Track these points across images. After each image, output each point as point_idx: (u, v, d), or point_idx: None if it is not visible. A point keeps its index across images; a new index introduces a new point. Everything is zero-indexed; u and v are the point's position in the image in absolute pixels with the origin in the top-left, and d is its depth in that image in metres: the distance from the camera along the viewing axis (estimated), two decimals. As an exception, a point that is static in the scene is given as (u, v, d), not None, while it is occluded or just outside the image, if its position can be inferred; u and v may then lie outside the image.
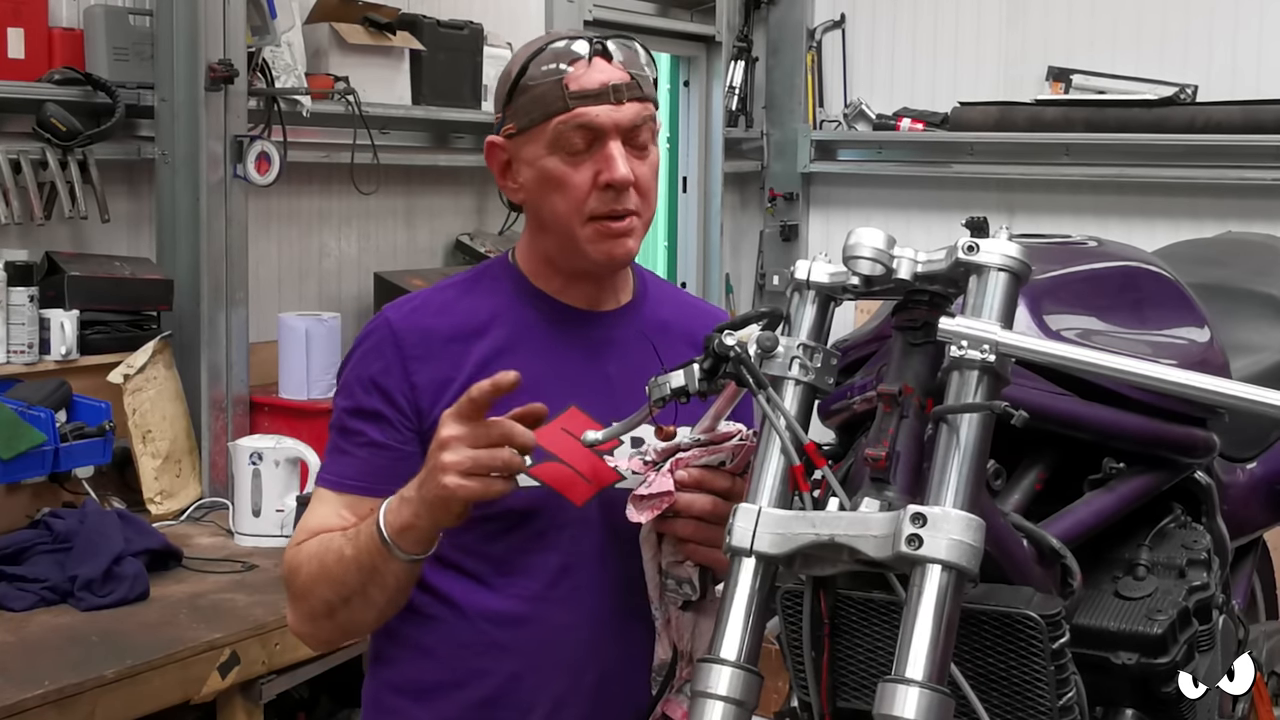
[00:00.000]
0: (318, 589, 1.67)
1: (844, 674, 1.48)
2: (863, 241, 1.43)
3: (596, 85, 1.66)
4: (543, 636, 1.69)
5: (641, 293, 1.83)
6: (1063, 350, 1.38)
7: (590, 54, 1.67)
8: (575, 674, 1.70)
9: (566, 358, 1.74)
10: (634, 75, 1.68)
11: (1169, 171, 5.15)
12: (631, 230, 1.69)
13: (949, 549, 1.28)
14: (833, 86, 6.01)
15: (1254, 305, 2.34)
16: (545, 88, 1.66)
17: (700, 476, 1.59)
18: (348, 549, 1.62)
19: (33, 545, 2.95)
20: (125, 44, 3.61)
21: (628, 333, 1.78)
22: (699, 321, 1.86)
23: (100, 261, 3.59)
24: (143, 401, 3.49)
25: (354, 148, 4.05)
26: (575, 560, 1.69)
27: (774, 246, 6.04)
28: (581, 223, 1.68)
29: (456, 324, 1.73)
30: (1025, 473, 1.78)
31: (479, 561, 1.69)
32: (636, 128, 1.68)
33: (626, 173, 1.66)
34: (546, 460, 1.68)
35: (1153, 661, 1.67)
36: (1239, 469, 2.10)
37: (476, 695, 1.70)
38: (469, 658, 1.70)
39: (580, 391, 1.72)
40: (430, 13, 4.45)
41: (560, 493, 1.69)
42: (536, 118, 1.67)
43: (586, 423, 1.70)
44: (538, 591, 1.69)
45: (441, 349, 1.71)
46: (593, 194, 1.67)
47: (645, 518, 1.58)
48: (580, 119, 1.65)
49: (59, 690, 2.41)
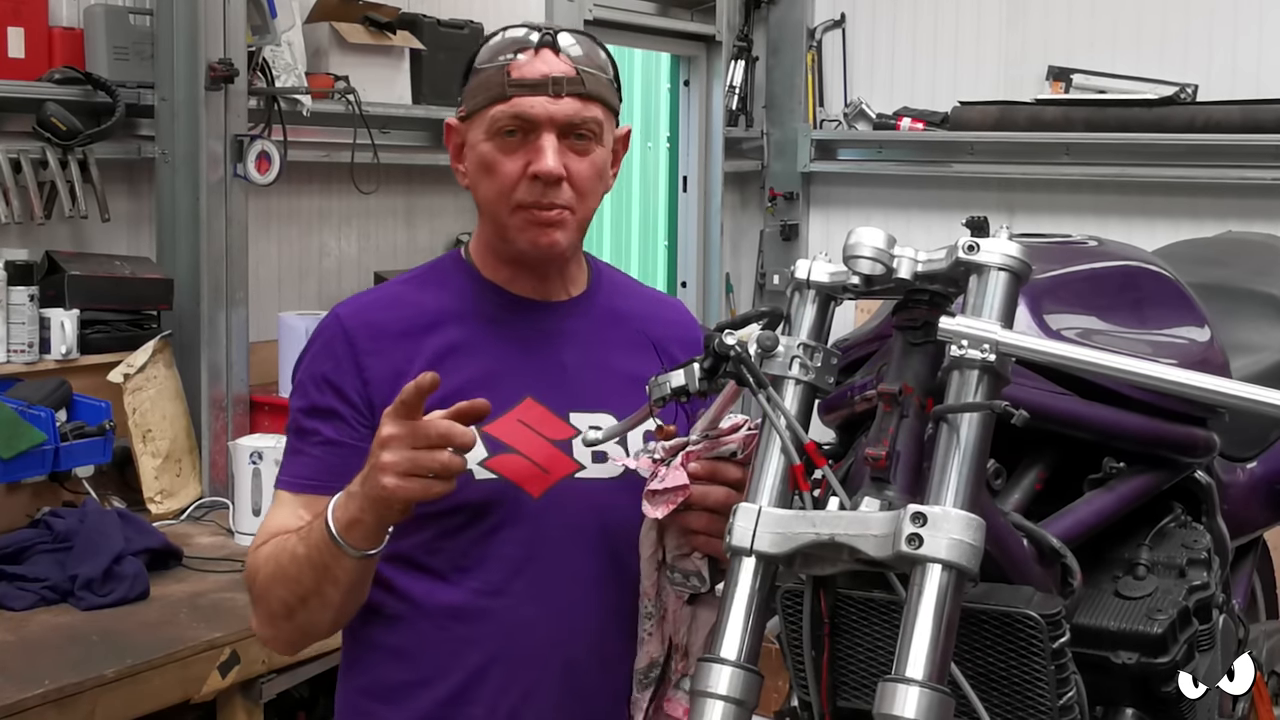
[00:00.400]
0: (275, 590, 1.66)
1: (844, 674, 1.49)
2: (863, 241, 1.43)
3: (537, 76, 1.65)
4: (506, 629, 1.69)
5: (595, 284, 1.83)
6: (1063, 350, 1.38)
7: (539, 44, 1.67)
8: (541, 665, 1.70)
9: (520, 349, 1.74)
10: (581, 71, 1.67)
11: (1169, 171, 5.15)
12: (561, 222, 1.68)
13: (949, 548, 1.28)
14: (833, 86, 6.01)
15: (1254, 305, 2.34)
16: (491, 73, 1.67)
17: (713, 468, 1.59)
18: (300, 548, 1.61)
19: (33, 545, 2.95)
20: (125, 43, 3.61)
21: (581, 323, 1.78)
22: (655, 310, 1.88)
23: (100, 261, 3.58)
24: (143, 401, 3.49)
25: (354, 147, 4.05)
26: (535, 552, 1.69)
27: (774, 246, 6.04)
28: (509, 210, 1.68)
29: (408, 317, 1.73)
30: (1025, 472, 1.78)
31: (438, 558, 1.68)
32: (575, 124, 1.66)
33: (554, 166, 1.65)
34: (503, 452, 1.68)
35: (1153, 661, 1.67)
36: (1239, 469, 2.10)
37: (444, 692, 1.70)
38: (434, 655, 1.70)
39: (535, 383, 1.72)
40: (430, 12, 4.45)
41: (518, 485, 1.68)
42: (480, 102, 1.68)
43: (542, 414, 1.70)
44: (498, 585, 1.68)
45: (393, 343, 1.70)
46: (521, 183, 1.67)
47: (661, 512, 1.58)
48: (515, 108, 1.65)
49: (59, 690, 2.41)
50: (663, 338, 1.84)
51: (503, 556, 1.68)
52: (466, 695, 1.70)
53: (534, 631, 1.69)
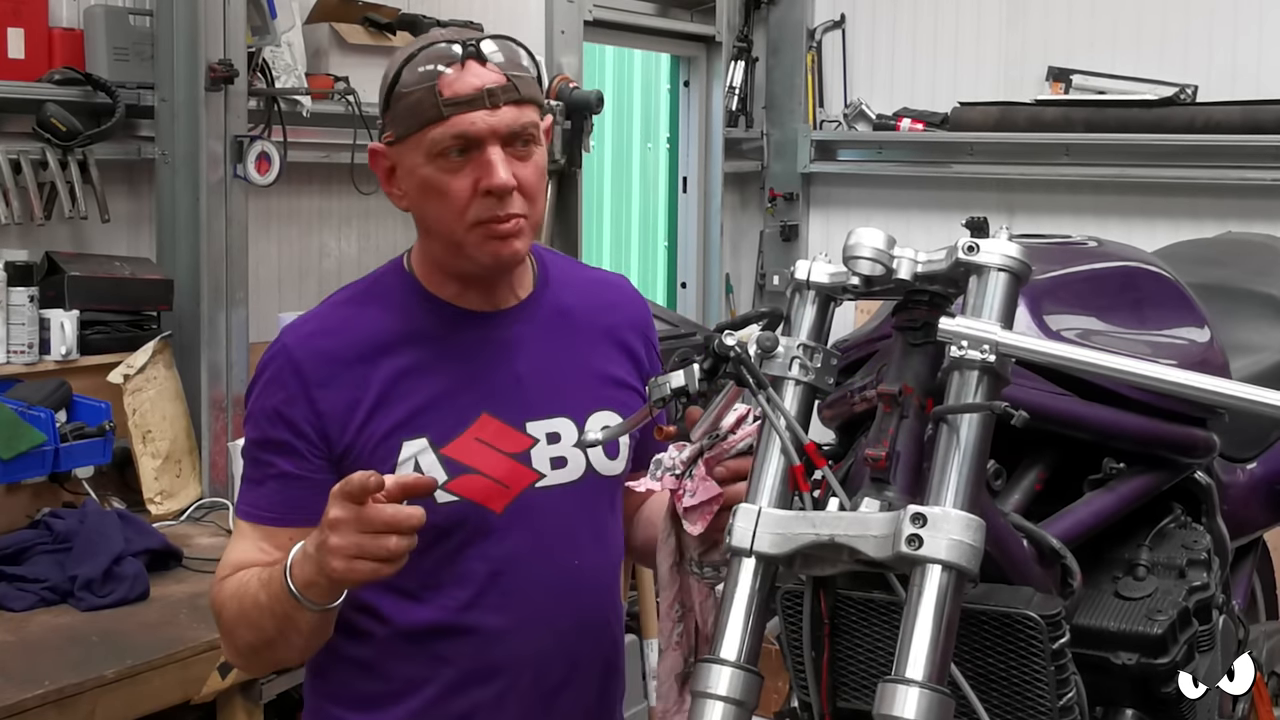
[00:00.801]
0: (239, 631, 1.67)
1: (844, 674, 1.49)
2: (863, 241, 1.43)
3: (470, 90, 1.61)
4: (478, 643, 1.69)
5: (542, 281, 1.81)
6: (1063, 350, 1.38)
7: (464, 57, 1.63)
8: (514, 675, 1.71)
9: (471, 365, 1.72)
10: (510, 77, 1.64)
11: (1169, 171, 5.15)
12: (519, 231, 1.66)
13: (949, 549, 1.28)
14: (833, 86, 6.00)
15: (1254, 305, 2.34)
16: (419, 94, 1.62)
17: (737, 467, 1.59)
18: (262, 595, 1.61)
19: (33, 545, 2.95)
20: (125, 44, 3.61)
21: (530, 328, 1.77)
22: (602, 297, 1.86)
23: (100, 261, 3.58)
24: (143, 401, 3.49)
25: (354, 148, 4.05)
26: (502, 566, 1.69)
27: (774, 246, 6.03)
28: (465, 229, 1.65)
29: (357, 342, 1.70)
30: (1025, 473, 1.78)
31: (407, 578, 1.62)
32: (515, 132, 1.64)
33: (506, 179, 1.62)
34: (463, 474, 1.68)
35: (1153, 661, 1.67)
36: (1239, 469, 2.10)
37: (418, 703, 1.71)
38: (406, 669, 1.71)
39: (489, 397, 1.71)
40: (430, 13, 4.44)
41: (480, 504, 1.69)
42: (413, 126, 1.64)
43: (499, 428, 1.70)
44: (468, 600, 1.69)
45: (344, 371, 1.68)
46: (474, 201, 1.64)
47: (701, 527, 1.58)
48: (454, 128, 1.61)
49: (59, 690, 2.41)
50: (613, 325, 1.84)
51: (470, 573, 1.69)
52: (439, 707, 1.70)
53: (505, 643, 1.70)
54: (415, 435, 1.67)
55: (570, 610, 1.72)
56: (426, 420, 1.66)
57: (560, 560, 1.71)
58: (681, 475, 1.60)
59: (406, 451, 1.66)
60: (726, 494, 1.58)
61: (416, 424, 1.67)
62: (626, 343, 1.83)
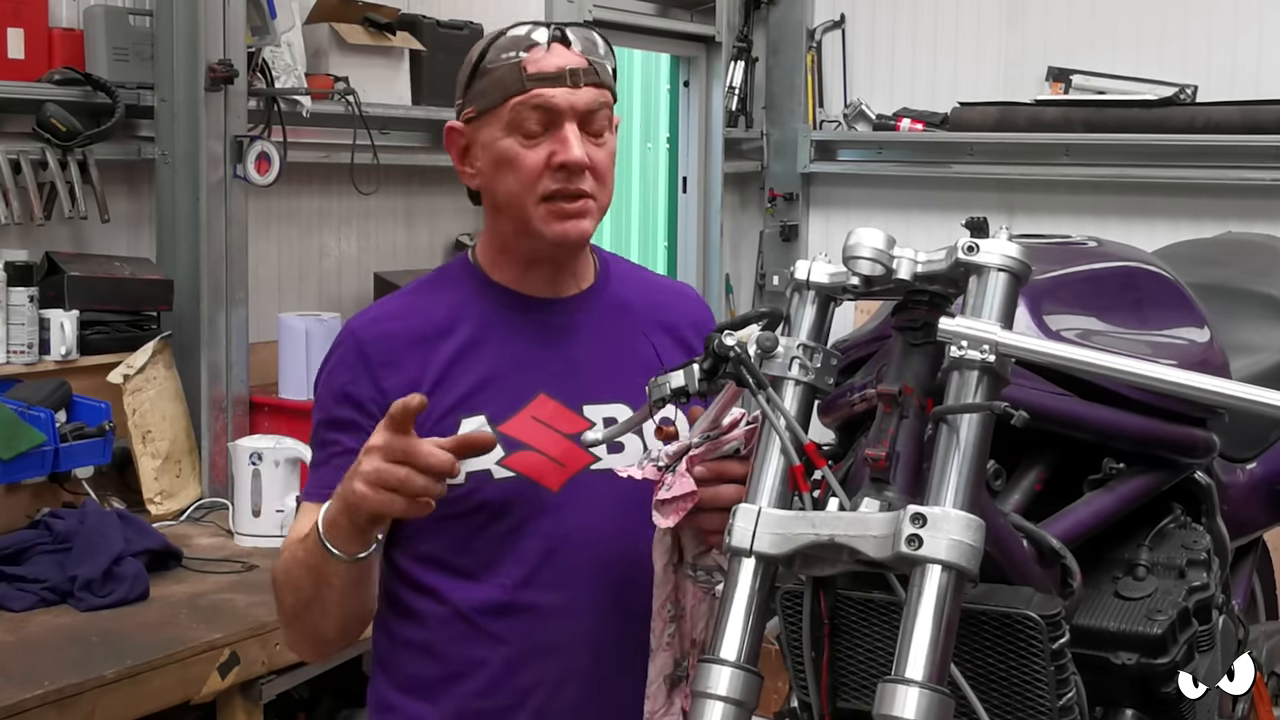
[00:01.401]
0: (283, 594, 1.71)
1: (844, 674, 1.49)
2: (863, 242, 1.43)
3: (554, 68, 1.68)
4: (532, 622, 1.71)
5: (604, 276, 1.84)
6: (1063, 350, 1.38)
7: (549, 39, 1.70)
8: (569, 656, 1.72)
9: (531, 346, 1.76)
10: (591, 61, 1.71)
11: (1169, 171, 5.15)
12: (586, 211, 1.71)
13: (949, 549, 1.28)
14: (833, 86, 6.00)
15: (1254, 305, 2.34)
16: (504, 70, 1.69)
17: (719, 468, 1.59)
18: (300, 551, 1.66)
19: (33, 545, 2.95)
20: (125, 44, 3.61)
21: (590, 316, 1.80)
22: (665, 298, 1.89)
23: (100, 261, 3.58)
24: (143, 402, 3.49)
25: (354, 148, 4.05)
26: (557, 544, 1.71)
27: (774, 246, 6.03)
28: (535, 202, 1.69)
29: (418, 326, 1.75)
30: (1025, 473, 1.78)
31: (463, 556, 1.71)
32: (592, 113, 1.69)
33: (581, 155, 1.67)
34: (519, 450, 1.71)
35: (1153, 662, 1.67)
36: (1239, 469, 2.10)
37: (475, 685, 1.73)
38: (464, 650, 1.73)
39: (547, 378, 1.74)
40: (430, 13, 4.45)
41: (535, 480, 1.71)
42: (494, 100, 1.69)
43: (556, 409, 1.73)
44: (523, 578, 1.71)
45: (406, 352, 1.73)
46: (546, 174, 1.68)
47: (672, 521, 1.59)
48: (536, 100, 1.67)
49: (59, 690, 2.41)
50: (674, 324, 1.86)
51: (527, 551, 1.71)
52: (497, 688, 1.72)
53: (561, 623, 1.72)
54: (473, 413, 1.71)
55: (626, 594, 1.71)
56: (484, 398, 1.70)
57: (616, 543, 1.72)
58: (664, 468, 1.60)
59: (465, 428, 1.70)
60: (703, 495, 1.58)
61: (474, 402, 1.71)
62: (686, 340, 1.84)
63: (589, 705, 1.74)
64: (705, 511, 1.60)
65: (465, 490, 1.68)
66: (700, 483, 1.58)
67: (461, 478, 1.64)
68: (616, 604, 1.73)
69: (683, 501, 1.58)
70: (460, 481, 1.66)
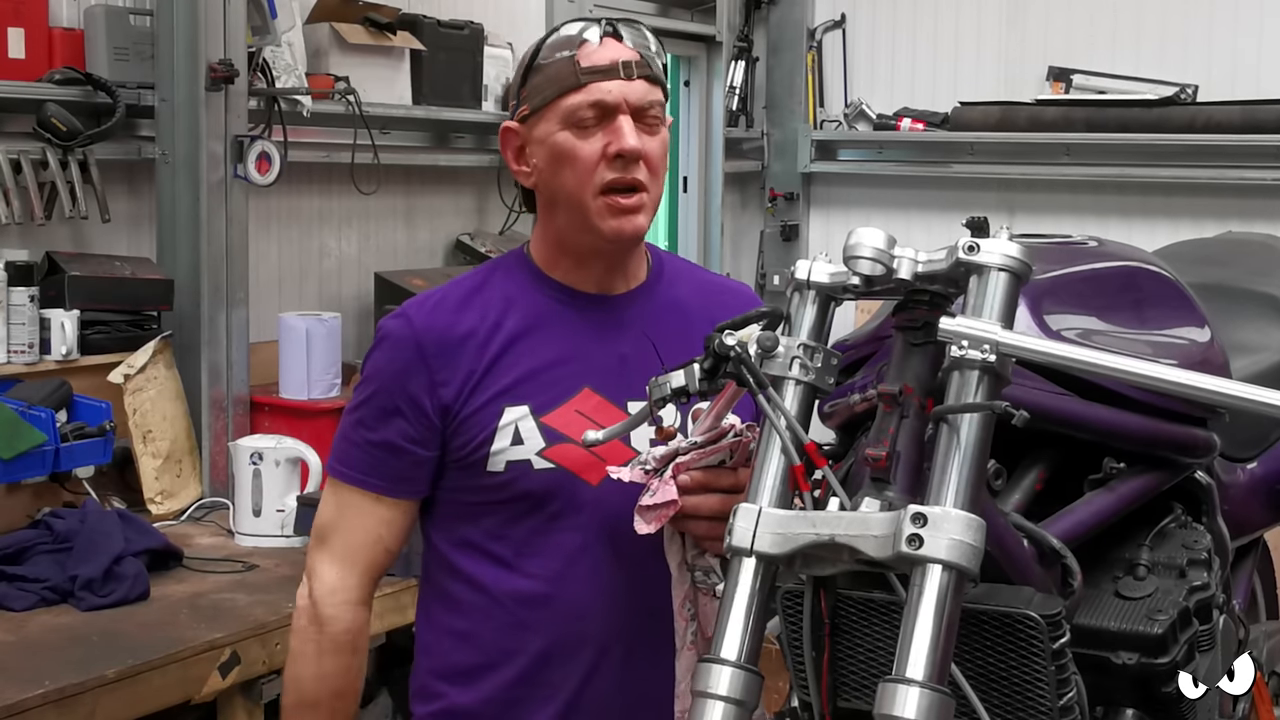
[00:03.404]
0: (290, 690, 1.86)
1: (844, 674, 1.49)
2: (863, 241, 1.43)
3: (607, 62, 1.70)
4: (566, 614, 1.74)
5: (657, 273, 1.85)
6: (1063, 350, 1.38)
7: (602, 35, 1.72)
8: (600, 649, 1.74)
9: (579, 340, 1.77)
10: (644, 55, 1.73)
11: (1169, 171, 5.15)
12: (641, 206, 1.72)
13: (949, 549, 1.28)
14: (833, 86, 6.00)
15: (1254, 305, 2.34)
16: (558, 65, 1.71)
17: (703, 478, 1.60)
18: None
19: (33, 545, 2.95)
20: (125, 44, 3.61)
21: (641, 314, 1.81)
22: (718, 297, 1.89)
23: (100, 261, 3.58)
24: (143, 401, 3.49)
25: (354, 148, 4.05)
26: (593, 538, 1.73)
27: (774, 246, 6.03)
28: (593, 195, 1.71)
29: (473, 319, 1.76)
30: (1025, 473, 1.78)
31: (502, 544, 1.74)
32: (645, 106, 1.71)
33: (636, 143, 1.69)
34: (560, 442, 1.72)
35: (1153, 661, 1.67)
36: (1239, 469, 2.10)
37: (509, 675, 1.75)
38: (500, 639, 1.76)
39: (593, 373, 1.76)
40: (430, 13, 4.45)
41: (575, 474, 1.72)
42: (550, 95, 1.71)
43: (600, 403, 1.74)
44: (558, 570, 1.73)
45: (459, 345, 1.75)
46: (602, 165, 1.70)
47: (652, 528, 1.59)
48: (592, 94, 1.69)
49: (59, 690, 2.41)
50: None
51: (562, 543, 1.73)
52: (531, 678, 1.75)
53: (594, 615, 1.74)
54: (518, 402, 1.73)
55: (659, 591, 1.71)
56: (530, 389, 1.72)
57: (651, 539, 1.70)
58: (651, 472, 1.60)
59: (508, 417, 1.72)
60: (685, 504, 1.59)
61: (519, 391, 1.72)
62: None
63: (620, 699, 1.76)
64: (689, 519, 1.61)
65: (505, 479, 1.71)
66: (684, 492, 1.59)
67: (501, 466, 1.68)
68: (649, 600, 1.73)
69: (664, 509, 1.59)
70: (500, 470, 1.70)
